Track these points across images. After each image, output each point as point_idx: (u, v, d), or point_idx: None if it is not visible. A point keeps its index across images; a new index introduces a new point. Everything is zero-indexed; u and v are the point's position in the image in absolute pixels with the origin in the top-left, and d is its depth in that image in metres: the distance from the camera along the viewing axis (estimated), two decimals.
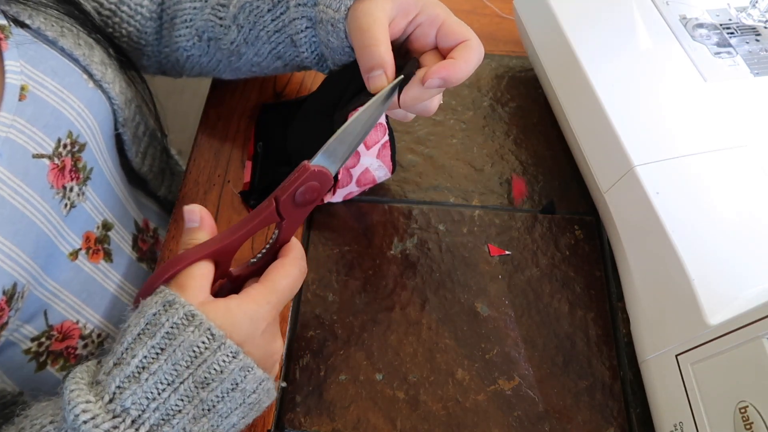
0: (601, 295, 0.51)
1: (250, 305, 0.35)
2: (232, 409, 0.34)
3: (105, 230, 0.51)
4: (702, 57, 0.52)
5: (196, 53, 0.54)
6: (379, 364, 0.47)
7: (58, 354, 0.47)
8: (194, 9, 0.52)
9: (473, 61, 0.42)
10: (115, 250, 0.53)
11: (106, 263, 0.51)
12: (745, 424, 0.36)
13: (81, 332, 0.49)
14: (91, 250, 0.50)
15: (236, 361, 0.33)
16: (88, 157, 0.48)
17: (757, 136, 0.47)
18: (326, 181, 0.38)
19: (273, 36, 0.48)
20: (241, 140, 0.59)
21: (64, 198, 0.45)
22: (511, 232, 0.54)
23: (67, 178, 0.45)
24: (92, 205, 0.49)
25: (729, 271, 0.41)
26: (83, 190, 0.48)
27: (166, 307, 0.33)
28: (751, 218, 0.43)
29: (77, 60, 0.47)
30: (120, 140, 0.53)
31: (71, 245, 0.47)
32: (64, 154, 0.45)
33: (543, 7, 0.56)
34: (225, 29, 0.50)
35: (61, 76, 0.45)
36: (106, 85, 0.49)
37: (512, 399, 0.46)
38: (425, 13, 0.43)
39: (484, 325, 0.49)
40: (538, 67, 0.59)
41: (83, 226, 0.48)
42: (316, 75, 0.63)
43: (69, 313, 0.48)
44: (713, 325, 0.38)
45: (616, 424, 0.46)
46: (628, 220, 0.48)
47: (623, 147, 0.46)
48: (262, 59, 0.50)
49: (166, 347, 0.32)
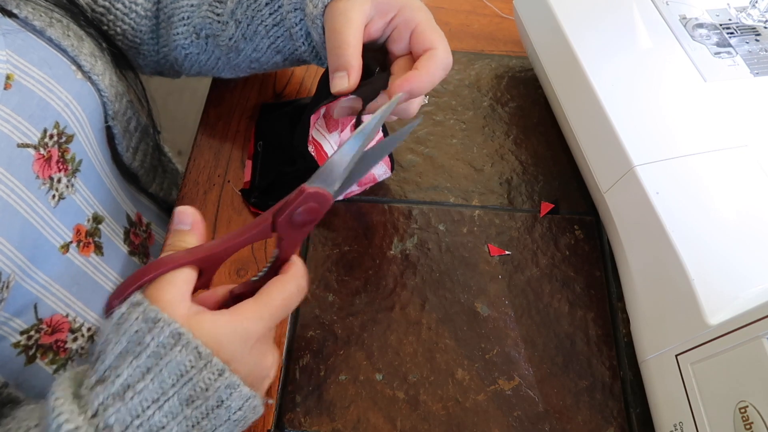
0: (601, 295, 0.51)
1: (240, 322, 0.34)
2: (216, 425, 0.34)
3: (96, 223, 0.51)
4: (702, 57, 0.52)
5: (195, 51, 0.54)
6: (379, 364, 0.47)
7: (48, 347, 0.47)
8: (191, 6, 0.52)
9: (436, 73, 0.41)
10: (107, 244, 0.52)
11: (97, 256, 0.51)
12: (745, 424, 0.36)
13: (71, 326, 0.48)
14: (82, 243, 0.49)
15: (222, 378, 0.33)
16: (77, 148, 0.47)
17: (757, 136, 0.47)
18: (325, 201, 0.37)
19: (272, 30, 0.48)
20: (241, 140, 0.59)
21: (52, 189, 0.45)
22: (511, 232, 0.54)
23: (54, 169, 0.45)
24: (82, 198, 0.49)
25: (729, 271, 0.41)
26: (72, 182, 0.47)
27: (149, 325, 0.32)
28: (751, 218, 0.43)
29: (66, 51, 0.47)
30: (111, 134, 0.53)
31: (62, 238, 0.47)
32: (50, 144, 0.45)
33: (543, 7, 0.56)
34: (223, 25, 0.50)
35: (49, 67, 0.45)
36: (95, 77, 0.49)
37: (512, 399, 0.46)
38: (402, 16, 0.43)
39: (484, 325, 0.49)
40: (538, 67, 0.59)
41: (73, 219, 0.48)
42: (315, 74, 0.63)
43: (59, 307, 0.47)
44: (713, 325, 0.38)
45: (616, 424, 0.46)
46: (628, 220, 0.48)
47: (623, 147, 0.46)
48: (261, 54, 0.50)
49: (152, 367, 0.32)
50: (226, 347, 0.33)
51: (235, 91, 0.62)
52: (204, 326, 0.33)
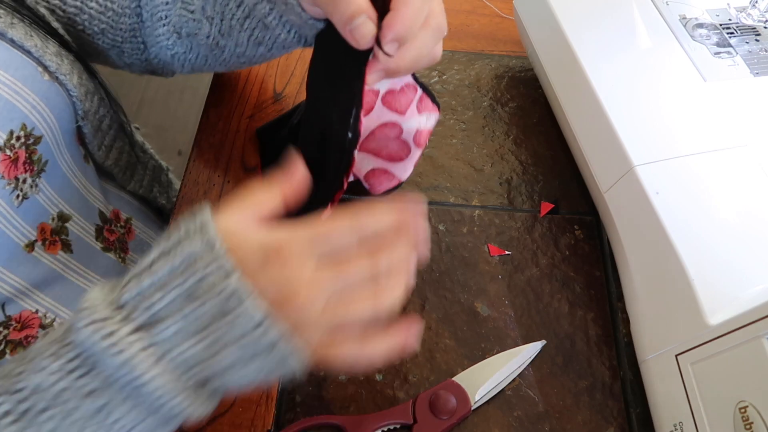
0: (601, 295, 0.51)
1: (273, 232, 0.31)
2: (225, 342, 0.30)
3: (61, 222, 0.51)
4: (702, 57, 0.52)
5: (180, 50, 0.53)
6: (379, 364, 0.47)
7: (18, 343, 0.47)
8: (166, 4, 0.51)
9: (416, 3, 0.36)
10: (75, 241, 0.52)
11: (65, 254, 0.51)
12: (745, 424, 0.36)
13: (41, 321, 0.49)
14: (48, 242, 0.49)
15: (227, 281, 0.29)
16: (44, 149, 0.47)
17: (757, 136, 0.47)
18: None
19: (245, 23, 0.47)
20: (241, 140, 0.59)
21: (16, 189, 0.45)
22: (511, 232, 0.54)
23: (20, 170, 0.45)
24: (45, 197, 0.49)
25: (729, 271, 0.41)
26: (36, 182, 0.47)
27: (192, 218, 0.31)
28: (751, 218, 0.43)
29: (30, 52, 0.46)
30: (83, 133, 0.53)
31: (26, 237, 0.47)
32: (17, 146, 0.44)
33: (543, 7, 0.56)
34: (198, 23, 0.49)
35: (14, 69, 0.45)
36: (63, 76, 0.48)
37: (512, 399, 0.46)
38: None
39: (484, 325, 0.49)
40: (538, 67, 0.59)
41: (36, 218, 0.48)
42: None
43: (27, 303, 0.48)
44: (713, 325, 0.38)
45: (616, 424, 0.46)
46: (628, 220, 0.48)
47: (623, 147, 0.46)
48: (244, 49, 0.49)
49: (170, 251, 0.30)
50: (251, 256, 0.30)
51: (235, 91, 0.62)
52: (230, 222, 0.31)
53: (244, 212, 0.32)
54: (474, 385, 0.45)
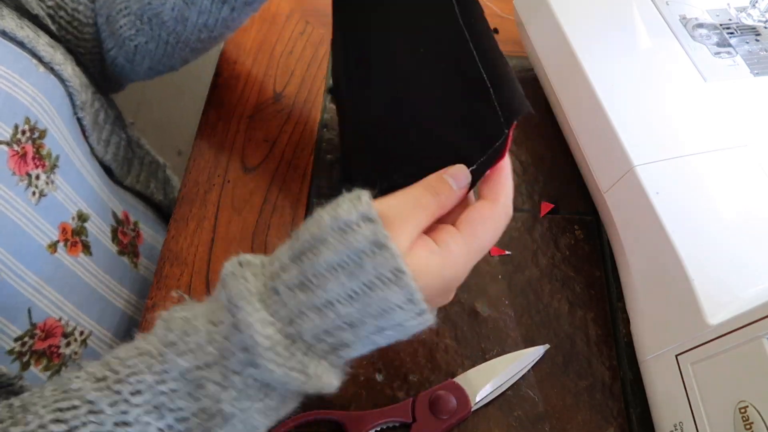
0: (601, 295, 0.51)
1: (452, 268, 0.33)
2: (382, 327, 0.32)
3: (81, 221, 0.50)
4: (702, 57, 0.52)
5: (142, 40, 0.53)
6: (379, 364, 0.47)
7: (41, 353, 0.46)
8: None
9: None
10: (94, 243, 0.51)
11: (85, 256, 0.50)
12: (745, 424, 0.36)
13: (63, 329, 0.48)
14: (69, 243, 0.48)
15: (420, 319, 0.32)
16: (52, 143, 0.47)
17: (757, 136, 0.47)
18: None
19: None
20: (241, 141, 0.59)
21: (31, 186, 0.44)
22: (511, 232, 0.54)
23: (31, 166, 0.45)
24: (64, 195, 0.48)
25: (729, 271, 0.41)
26: (52, 179, 0.47)
27: (374, 249, 0.30)
28: (751, 218, 0.43)
29: (22, 43, 0.46)
30: (82, 126, 0.53)
31: (48, 236, 0.46)
32: (23, 140, 0.44)
33: (543, 7, 0.56)
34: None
35: (9, 62, 0.44)
36: (57, 67, 0.48)
37: (512, 399, 0.46)
38: None
39: (484, 325, 0.49)
40: (538, 67, 0.59)
41: (57, 217, 0.47)
42: (317, 71, 0.63)
43: (51, 310, 0.47)
44: (713, 325, 0.38)
45: (616, 424, 0.46)
46: (628, 220, 0.48)
47: (623, 147, 0.46)
48: (207, 15, 0.49)
49: (362, 295, 0.30)
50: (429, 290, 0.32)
51: (235, 92, 0.62)
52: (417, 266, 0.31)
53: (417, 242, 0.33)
54: (475, 386, 0.45)
